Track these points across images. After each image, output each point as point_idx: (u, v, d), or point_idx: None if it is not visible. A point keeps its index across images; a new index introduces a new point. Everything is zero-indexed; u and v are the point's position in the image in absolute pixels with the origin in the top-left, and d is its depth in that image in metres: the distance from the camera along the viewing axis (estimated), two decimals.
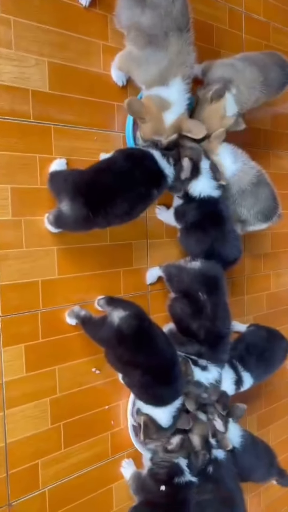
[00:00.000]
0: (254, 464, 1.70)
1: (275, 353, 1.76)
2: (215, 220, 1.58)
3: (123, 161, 1.33)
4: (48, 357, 1.44)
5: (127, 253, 1.64)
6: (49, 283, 1.43)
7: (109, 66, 1.51)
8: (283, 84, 1.68)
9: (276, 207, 1.73)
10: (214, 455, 1.59)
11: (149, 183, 1.35)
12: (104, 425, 1.59)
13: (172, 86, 1.36)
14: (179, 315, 1.52)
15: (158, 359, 1.35)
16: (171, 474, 1.47)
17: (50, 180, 1.35)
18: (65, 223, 1.33)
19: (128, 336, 1.30)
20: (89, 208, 1.27)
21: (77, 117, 1.45)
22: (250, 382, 1.67)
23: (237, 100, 1.55)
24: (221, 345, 1.53)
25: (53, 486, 1.47)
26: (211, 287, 1.52)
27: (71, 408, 1.50)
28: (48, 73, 1.38)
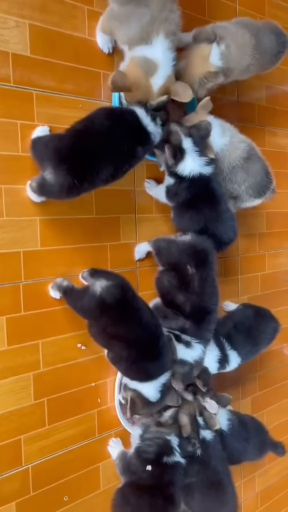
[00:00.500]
0: (244, 447, 1.66)
1: (263, 331, 1.71)
2: (208, 199, 1.53)
3: (102, 120, 1.27)
4: (31, 330, 1.40)
5: (114, 227, 1.59)
6: (31, 254, 1.39)
7: (94, 31, 1.47)
8: (277, 53, 1.62)
9: (269, 182, 1.68)
10: (202, 436, 1.55)
11: (131, 140, 1.30)
12: (91, 403, 1.56)
13: (156, 44, 1.31)
14: (166, 288, 1.48)
15: (142, 332, 1.31)
16: (161, 453, 1.44)
17: (32, 148, 1.31)
18: (50, 192, 1.28)
19: (110, 305, 1.26)
20: (74, 175, 1.22)
21: (60, 84, 1.41)
22: (237, 361, 1.63)
23: (224, 57, 1.49)
24: (206, 321, 1.48)
25: (37, 463, 1.43)
26: (200, 260, 1.48)
27: (56, 384, 1.46)
28: (30, 36, 1.34)
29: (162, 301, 1.51)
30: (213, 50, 1.47)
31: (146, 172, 1.66)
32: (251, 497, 2.21)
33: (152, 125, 1.36)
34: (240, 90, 1.99)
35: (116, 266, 1.60)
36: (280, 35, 1.61)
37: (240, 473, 2.13)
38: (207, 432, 1.57)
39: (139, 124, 1.33)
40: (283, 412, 2.32)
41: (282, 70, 2.17)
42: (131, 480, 1.45)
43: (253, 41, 1.53)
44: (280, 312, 2.26)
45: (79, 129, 1.26)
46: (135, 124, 1.32)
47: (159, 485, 1.40)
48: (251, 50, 1.54)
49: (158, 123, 1.38)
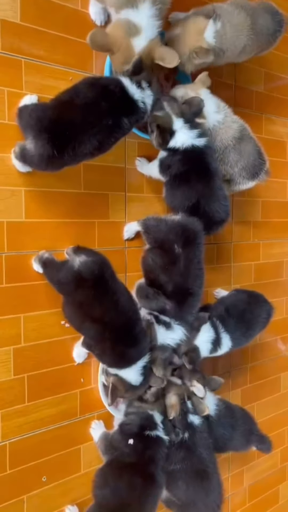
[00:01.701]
0: (230, 434, 1.62)
1: (256, 315, 1.67)
2: (202, 173, 1.49)
3: (86, 91, 1.24)
4: (12, 303, 1.37)
5: (103, 204, 1.57)
6: (15, 225, 1.36)
7: (87, 3, 1.45)
8: (274, 32, 1.59)
9: (262, 163, 1.65)
10: (190, 420, 1.51)
11: (116, 112, 1.27)
12: (73, 382, 1.52)
13: (141, 9, 1.27)
14: (150, 266, 1.44)
15: (118, 315, 1.27)
16: (143, 425, 1.41)
17: (18, 115, 1.29)
18: (31, 161, 1.26)
19: (87, 280, 1.22)
20: (54, 146, 1.19)
21: (50, 54, 1.39)
22: (229, 345, 1.59)
23: (218, 36, 1.47)
24: (188, 303, 1.44)
25: (15, 439, 1.40)
26: (188, 240, 1.44)
27: (37, 361, 1.43)
28: (20, 4, 1.32)
29: (145, 281, 1.48)
30: (209, 26, 1.45)
31: (137, 150, 1.63)
32: (239, 492, 2.16)
33: (139, 92, 1.32)
34: (238, 75, 1.96)
35: (103, 244, 1.57)
36: (275, 14, 1.59)
37: (228, 466, 2.09)
38: (195, 417, 1.53)
39: (125, 94, 1.30)
40: (273, 406, 2.28)
41: (282, 57, 2.15)
42: (111, 458, 1.41)
43: (248, 21, 1.51)
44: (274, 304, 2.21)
45: (64, 100, 1.23)
46: (120, 94, 1.29)
47: (140, 462, 1.36)
48: (247, 30, 1.51)
49: (144, 87, 1.34)
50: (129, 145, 1.61)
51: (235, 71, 1.95)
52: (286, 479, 2.40)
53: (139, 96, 1.33)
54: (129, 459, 1.37)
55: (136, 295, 1.49)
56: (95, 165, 1.52)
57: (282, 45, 2.09)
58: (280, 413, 2.32)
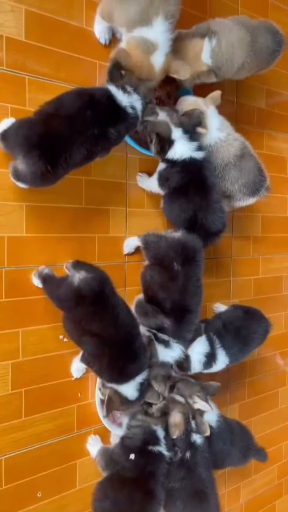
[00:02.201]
0: (229, 449, 1.61)
1: (254, 331, 1.67)
2: (199, 187, 1.50)
3: (72, 101, 1.23)
4: (11, 318, 1.38)
5: (103, 219, 1.57)
6: (16, 240, 1.37)
7: (91, 21, 1.46)
8: (273, 51, 1.61)
9: (263, 180, 1.66)
10: (193, 439, 1.51)
11: (102, 122, 1.26)
12: (71, 397, 1.52)
13: (156, 26, 1.29)
14: (149, 283, 1.45)
15: (117, 331, 1.26)
16: (146, 440, 1.40)
17: (2, 140, 1.25)
18: (24, 179, 1.25)
19: (86, 297, 1.22)
20: (46, 161, 1.18)
21: (54, 71, 1.40)
22: (225, 361, 1.58)
23: (214, 54, 1.48)
24: (186, 320, 1.44)
25: (11, 455, 1.39)
26: (187, 258, 1.45)
27: (35, 375, 1.43)
28: (25, 21, 1.34)
29: (144, 297, 1.48)
30: (204, 47, 1.47)
31: (139, 166, 1.64)
32: (236, 508, 2.15)
33: (126, 98, 1.31)
34: (239, 91, 1.98)
35: (103, 259, 1.57)
36: (276, 34, 1.61)
37: (225, 481, 2.07)
38: (198, 436, 1.52)
39: (112, 103, 1.29)
40: (271, 422, 2.27)
41: (283, 74, 2.17)
42: (112, 472, 1.41)
43: (248, 38, 1.52)
44: (273, 319, 2.19)
45: (49, 112, 1.22)
46: (107, 103, 1.28)
47: (140, 477, 1.36)
48: (246, 47, 1.53)
49: (130, 91, 1.32)
50: (131, 161, 1.62)
51: (237, 88, 1.97)
52: (283, 494, 2.38)
53: (127, 102, 1.31)
54: (130, 474, 1.37)
55: (135, 311, 1.49)
56: (96, 180, 1.53)
57: (283, 62, 2.11)
58: (278, 428, 2.31)
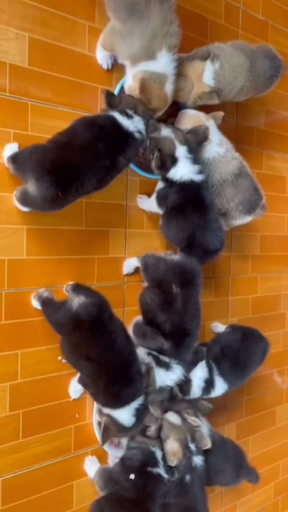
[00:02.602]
0: (223, 465, 1.61)
1: (252, 354, 1.68)
2: (197, 206, 1.52)
3: (84, 132, 1.26)
4: (11, 340, 1.38)
5: (103, 241, 1.59)
6: (16, 263, 1.38)
7: (94, 47, 1.49)
8: (271, 76, 1.64)
9: (258, 198, 1.67)
10: (194, 463, 1.51)
11: (113, 153, 1.29)
12: (68, 418, 1.53)
13: (160, 59, 1.33)
14: (148, 305, 1.46)
15: (114, 357, 1.27)
16: (145, 461, 1.41)
17: (12, 162, 1.28)
18: (32, 203, 1.28)
19: (84, 322, 1.23)
20: (58, 187, 1.21)
21: (56, 96, 1.42)
22: (224, 387, 1.59)
23: (216, 76, 1.51)
24: (185, 343, 1.45)
25: (8, 476, 1.40)
26: (186, 281, 1.46)
27: (33, 396, 1.44)
28: (28, 49, 1.36)
29: (143, 319, 1.49)
30: (206, 68, 1.49)
31: (139, 187, 1.66)
32: None
33: (130, 123, 1.34)
34: (239, 113, 2.00)
35: (103, 280, 1.59)
36: (274, 59, 1.64)
37: (222, 500, 2.07)
38: (198, 458, 1.53)
39: (119, 130, 1.32)
40: (268, 440, 2.27)
41: (282, 95, 2.19)
42: (110, 492, 1.41)
43: (247, 63, 1.55)
44: (271, 337, 2.21)
45: (62, 141, 1.25)
46: (115, 132, 1.31)
47: (138, 498, 1.37)
48: (245, 72, 1.55)
49: (131, 114, 1.35)
50: (131, 183, 1.64)
51: (237, 109, 1.99)
52: None
53: (134, 127, 1.34)
54: (129, 494, 1.37)
55: (133, 333, 1.50)
56: (97, 203, 1.55)
57: (282, 84, 2.14)
58: (275, 446, 2.31)
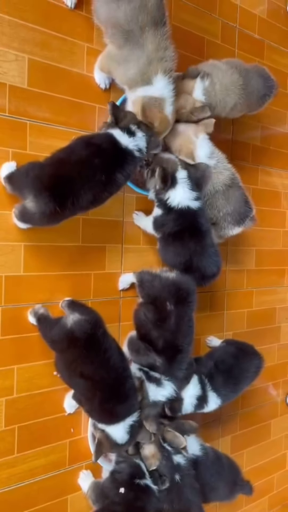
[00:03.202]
0: (216, 482, 1.62)
1: (246, 369, 1.69)
2: (194, 233, 1.55)
3: (81, 149, 1.29)
4: (7, 355, 1.40)
5: (100, 256, 1.61)
6: (13, 279, 1.40)
7: (92, 68, 1.52)
8: (263, 95, 1.68)
9: (248, 210, 1.69)
10: (177, 462, 1.50)
11: (110, 169, 1.31)
12: (63, 432, 1.54)
13: (156, 83, 1.36)
14: (142, 321, 1.48)
15: (108, 374, 1.29)
16: (133, 474, 1.42)
17: (9, 182, 1.31)
18: (31, 219, 1.30)
19: (78, 340, 1.25)
20: (56, 202, 1.23)
21: (55, 116, 1.45)
22: (217, 402, 1.61)
23: (207, 93, 1.55)
24: (177, 360, 1.47)
25: (3, 490, 1.41)
26: (180, 299, 1.48)
27: (28, 411, 1.45)
28: (28, 70, 1.39)
29: (137, 334, 1.51)
30: (196, 85, 1.52)
31: (135, 204, 1.68)
32: None
33: (131, 141, 1.35)
34: (235, 129, 2.03)
35: (99, 295, 1.61)
36: (268, 79, 1.67)
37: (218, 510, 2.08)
38: (179, 457, 1.52)
39: (118, 148, 1.34)
40: (263, 454, 2.28)
41: (277, 112, 2.23)
42: (103, 506, 1.42)
43: (240, 81, 1.59)
44: (265, 350, 2.24)
45: (60, 157, 1.28)
46: (113, 150, 1.33)
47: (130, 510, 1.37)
48: (238, 89, 1.59)
49: (134, 130, 1.37)
50: (127, 200, 1.66)
51: (233, 125, 2.02)
52: None
53: (134, 145, 1.36)
54: (120, 509, 1.38)
55: (128, 348, 1.52)
56: (93, 219, 1.57)
57: (278, 101, 2.19)
58: (270, 460, 2.32)
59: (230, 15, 1.96)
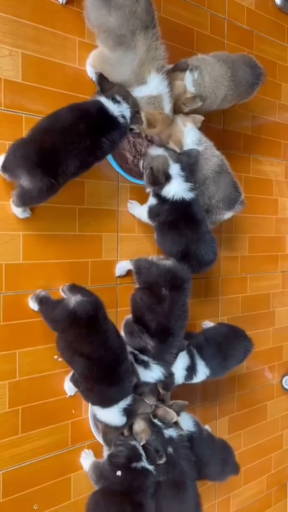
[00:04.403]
0: (208, 458, 1.68)
1: (234, 348, 1.74)
2: (189, 221, 1.60)
3: (66, 115, 1.32)
4: (9, 340, 1.46)
5: (96, 245, 1.67)
6: (13, 267, 1.46)
7: (84, 61, 1.56)
8: (252, 84, 1.72)
9: (238, 195, 1.74)
10: (168, 435, 1.56)
11: (95, 133, 1.34)
12: (65, 414, 1.60)
13: (151, 82, 1.42)
14: (137, 304, 1.54)
15: (106, 354, 1.35)
16: (130, 457, 1.47)
17: (4, 170, 1.35)
18: (31, 197, 1.33)
19: (81, 319, 1.31)
20: (49, 175, 1.27)
21: (49, 108, 1.48)
22: (206, 372, 1.66)
23: (196, 84, 1.59)
24: (168, 343, 1.51)
25: (8, 470, 1.47)
26: (175, 286, 1.53)
27: (31, 394, 1.52)
28: (22, 64, 1.44)
29: (132, 317, 1.57)
30: (186, 77, 1.57)
31: (129, 193, 1.74)
32: None
33: (116, 107, 1.39)
34: (226, 119, 2.08)
35: (96, 282, 1.66)
36: (255, 68, 1.72)
37: (215, 492, 2.15)
38: (171, 430, 1.57)
39: (104, 114, 1.38)
40: (260, 434, 2.35)
41: (268, 101, 2.28)
42: (103, 486, 1.49)
43: (229, 73, 1.63)
44: (261, 334, 2.31)
45: (44, 126, 1.31)
46: (99, 115, 1.37)
47: (128, 491, 1.43)
48: (227, 81, 1.64)
49: (119, 100, 1.41)
50: (122, 189, 1.72)
51: (223, 115, 2.07)
52: (272, 504, 2.46)
53: (118, 112, 1.40)
54: (119, 488, 1.44)
55: (123, 331, 1.58)
56: (89, 208, 1.63)
57: (268, 90, 2.23)
58: (267, 440, 2.39)
59: (219, 7, 2.00)
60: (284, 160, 2.38)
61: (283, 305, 2.42)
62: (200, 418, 1.80)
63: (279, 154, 2.35)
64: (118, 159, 1.64)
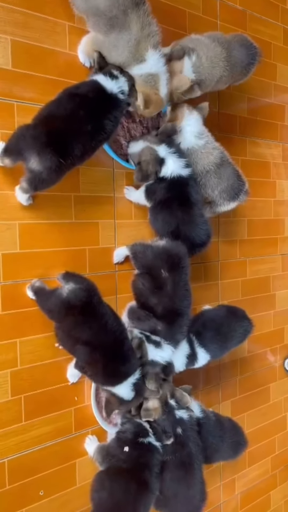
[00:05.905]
0: (218, 445, 1.70)
1: (233, 329, 1.75)
2: (182, 202, 1.60)
3: (66, 103, 1.34)
4: (9, 329, 1.47)
5: (93, 232, 1.66)
6: (10, 256, 1.46)
7: (75, 46, 1.54)
8: (247, 64, 1.70)
9: (241, 185, 1.74)
10: (179, 416, 1.58)
11: (96, 118, 1.36)
12: (68, 401, 1.61)
13: (149, 59, 1.40)
14: (140, 290, 1.55)
15: (106, 337, 1.36)
16: (137, 433, 1.50)
17: (7, 154, 1.35)
18: (41, 180, 1.33)
19: (75, 307, 1.31)
20: (58, 154, 1.29)
21: (41, 95, 1.48)
22: (206, 358, 1.68)
23: (195, 68, 1.57)
24: (177, 323, 1.53)
25: (13, 457, 1.49)
26: (173, 264, 1.54)
27: (33, 382, 1.52)
28: (11, 51, 1.42)
29: (136, 303, 1.57)
30: (185, 64, 1.55)
31: (125, 179, 1.73)
32: (231, 500, 2.25)
33: (115, 84, 1.41)
34: (221, 102, 2.06)
35: (95, 269, 1.66)
36: (250, 47, 1.69)
37: (220, 474, 2.18)
38: (182, 412, 1.60)
39: (104, 94, 1.39)
40: (263, 416, 2.37)
41: (264, 82, 2.25)
42: (109, 465, 1.50)
43: (224, 53, 1.61)
44: (262, 317, 2.32)
45: (46, 114, 1.33)
46: (98, 98, 1.38)
47: (134, 469, 1.45)
48: (222, 62, 1.62)
49: (116, 74, 1.42)
50: (117, 175, 1.71)
51: (219, 98, 2.05)
52: (277, 485, 2.49)
53: (117, 88, 1.42)
54: (125, 465, 1.46)
55: (128, 317, 1.59)
56: (85, 196, 1.62)
57: (263, 71, 2.21)
58: (270, 422, 2.41)
59: None
60: (281, 142, 2.36)
61: (283, 288, 2.42)
62: (203, 402, 1.81)
63: (276, 136, 2.33)
64: (112, 145, 1.63)
